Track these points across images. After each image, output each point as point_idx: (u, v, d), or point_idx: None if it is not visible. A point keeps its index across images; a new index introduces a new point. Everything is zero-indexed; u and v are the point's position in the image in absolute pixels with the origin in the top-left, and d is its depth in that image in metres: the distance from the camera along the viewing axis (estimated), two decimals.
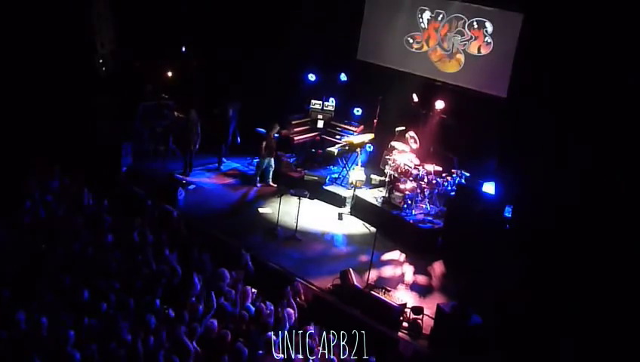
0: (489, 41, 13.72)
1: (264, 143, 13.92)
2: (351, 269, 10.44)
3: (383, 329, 9.43)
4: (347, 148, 14.58)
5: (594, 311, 10.04)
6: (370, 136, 14.74)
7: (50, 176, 11.83)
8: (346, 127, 15.60)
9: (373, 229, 12.26)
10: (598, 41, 11.19)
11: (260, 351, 7.70)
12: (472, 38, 13.98)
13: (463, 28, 14.06)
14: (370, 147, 14.94)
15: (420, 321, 9.64)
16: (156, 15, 16.36)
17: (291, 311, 8.79)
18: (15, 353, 7.05)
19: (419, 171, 12.85)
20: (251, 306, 8.89)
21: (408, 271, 11.51)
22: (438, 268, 11.70)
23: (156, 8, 16.35)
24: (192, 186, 13.70)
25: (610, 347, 9.27)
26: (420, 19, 14.77)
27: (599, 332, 9.61)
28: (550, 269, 10.98)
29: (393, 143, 13.71)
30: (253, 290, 9.37)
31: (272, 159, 14.24)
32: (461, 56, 14.23)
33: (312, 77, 16.17)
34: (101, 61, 16.02)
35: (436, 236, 12.26)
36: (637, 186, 10.69)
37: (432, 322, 9.61)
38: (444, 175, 13.07)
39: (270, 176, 14.34)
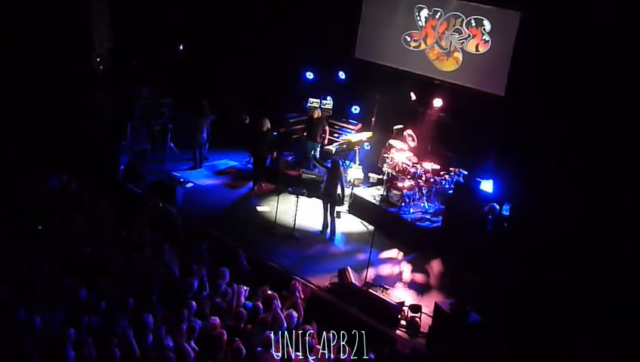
0: (487, 39, 13.72)
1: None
2: (349, 267, 10.44)
3: (380, 328, 9.44)
4: (345, 146, 14.58)
5: (594, 311, 10.03)
6: (368, 134, 14.75)
7: (48, 174, 11.82)
8: (344, 125, 15.61)
9: (371, 227, 12.26)
10: (597, 39, 11.18)
11: (259, 349, 7.71)
12: (469, 36, 13.98)
13: (461, 26, 14.06)
14: (368, 145, 14.94)
15: (417, 319, 9.65)
16: (154, 13, 16.33)
17: (294, 312, 8.78)
18: (13, 352, 7.05)
19: (417, 169, 12.84)
20: (249, 304, 8.89)
21: (406, 269, 11.52)
22: (436, 266, 11.70)
23: (154, 6, 16.32)
24: (190, 185, 13.70)
25: (610, 347, 9.27)
26: (418, 18, 14.76)
27: (599, 332, 9.61)
28: (548, 268, 10.98)
29: (391, 141, 13.70)
30: (246, 288, 9.35)
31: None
32: (459, 55, 14.22)
33: (310, 75, 16.16)
34: (99, 59, 15.98)
35: (434, 234, 12.26)
36: (637, 185, 10.69)
37: (429, 320, 9.62)
38: (442, 173, 13.07)
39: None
